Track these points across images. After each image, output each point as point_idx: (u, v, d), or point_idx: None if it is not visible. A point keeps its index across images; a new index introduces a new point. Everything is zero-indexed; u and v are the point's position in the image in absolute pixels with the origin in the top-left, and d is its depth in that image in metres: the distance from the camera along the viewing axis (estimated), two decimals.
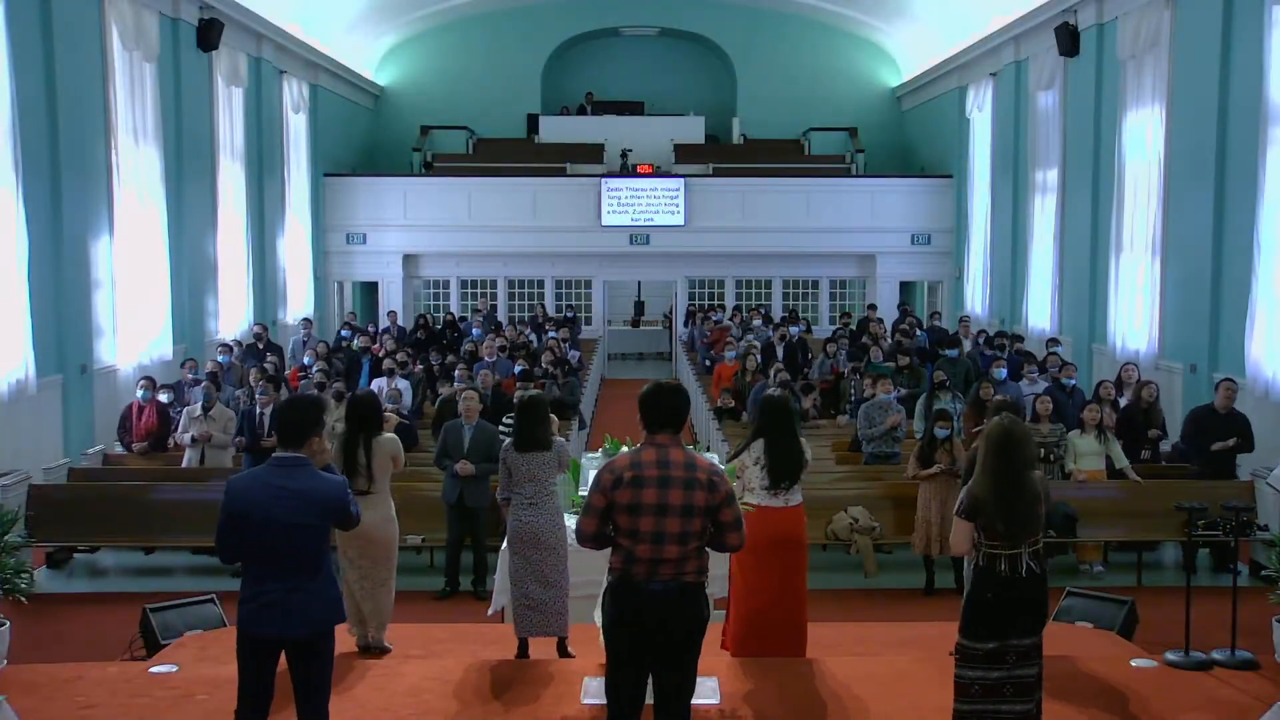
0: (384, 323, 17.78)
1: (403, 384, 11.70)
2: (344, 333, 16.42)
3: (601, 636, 4.60)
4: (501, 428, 9.66)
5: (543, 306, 20.24)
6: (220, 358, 12.66)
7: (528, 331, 16.71)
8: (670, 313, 22.29)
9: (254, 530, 4.35)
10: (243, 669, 4.45)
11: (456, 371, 11.84)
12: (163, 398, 10.77)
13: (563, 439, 6.83)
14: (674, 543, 4.28)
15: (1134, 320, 13.02)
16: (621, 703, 4.39)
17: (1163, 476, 9.73)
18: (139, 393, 10.58)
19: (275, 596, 4.35)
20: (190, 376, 11.41)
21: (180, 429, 10.29)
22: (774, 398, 6.35)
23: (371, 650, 6.59)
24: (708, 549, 4.44)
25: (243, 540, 4.40)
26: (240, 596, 4.43)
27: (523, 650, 6.48)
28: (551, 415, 6.84)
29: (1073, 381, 10.94)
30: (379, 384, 11.83)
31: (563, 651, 6.48)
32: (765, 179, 20.98)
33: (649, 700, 4.42)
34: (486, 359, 12.85)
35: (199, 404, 10.23)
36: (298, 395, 4.82)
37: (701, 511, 4.31)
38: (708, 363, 16.46)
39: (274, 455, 4.53)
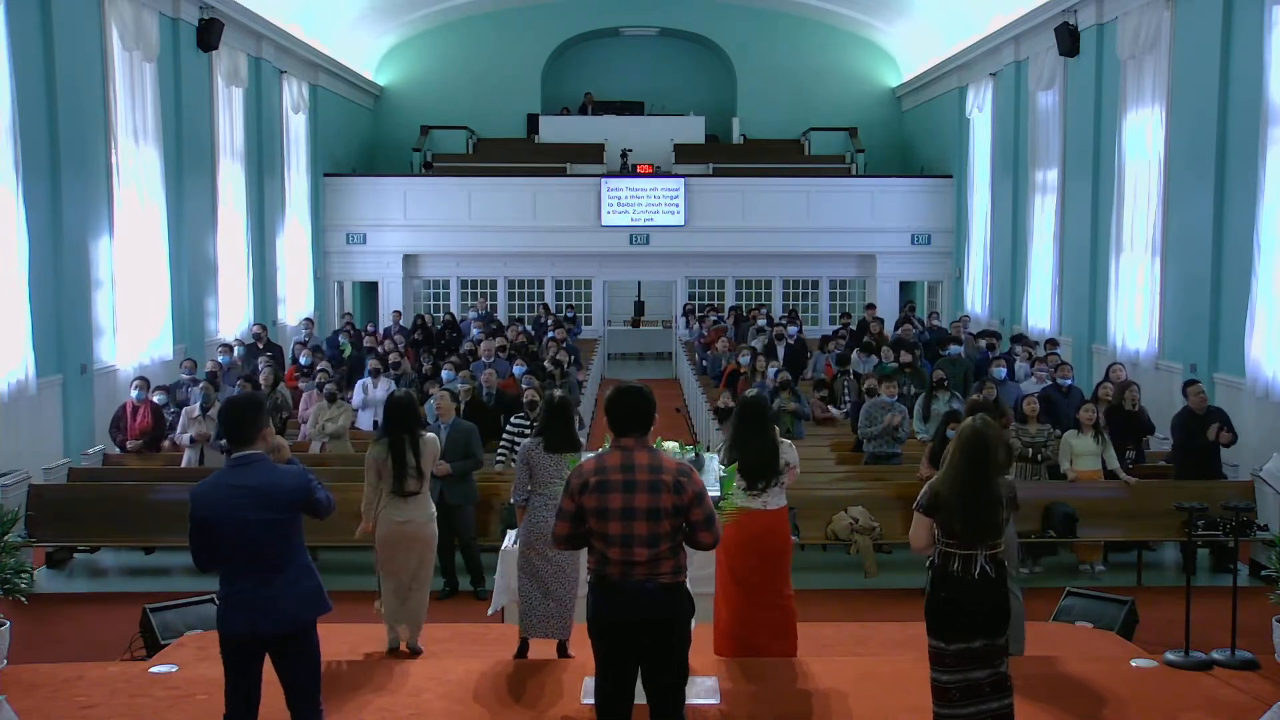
0: (386, 322, 17.74)
1: (386, 384, 11.69)
2: (340, 338, 16.38)
3: None
4: (510, 427, 9.66)
5: (545, 306, 20.23)
6: (221, 358, 12.66)
7: (529, 329, 16.71)
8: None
9: (220, 532, 4.36)
10: (226, 671, 4.47)
11: (444, 372, 11.80)
12: (156, 398, 10.76)
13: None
14: (643, 545, 4.26)
15: (1134, 320, 13.02)
16: (609, 702, 4.39)
17: (1161, 476, 9.73)
18: (133, 393, 10.57)
19: (245, 594, 4.36)
20: (187, 376, 11.41)
21: (180, 429, 10.29)
22: (747, 398, 6.37)
23: (409, 653, 6.61)
24: (686, 547, 4.42)
25: (211, 545, 4.40)
26: (217, 599, 4.46)
27: (522, 650, 6.48)
28: None
29: (1069, 381, 10.92)
30: (364, 384, 11.83)
31: (563, 652, 6.48)
32: (765, 179, 20.99)
33: (643, 700, 4.42)
34: (485, 359, 12.85)
35: (198, 404, 10.23)
36: (236, 395, 4.83)
37: (669, 513, 4.29)
38: (704, 363, 16.48)
39: (231, 456, 4.53)
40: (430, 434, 6.80)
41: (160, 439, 10.62)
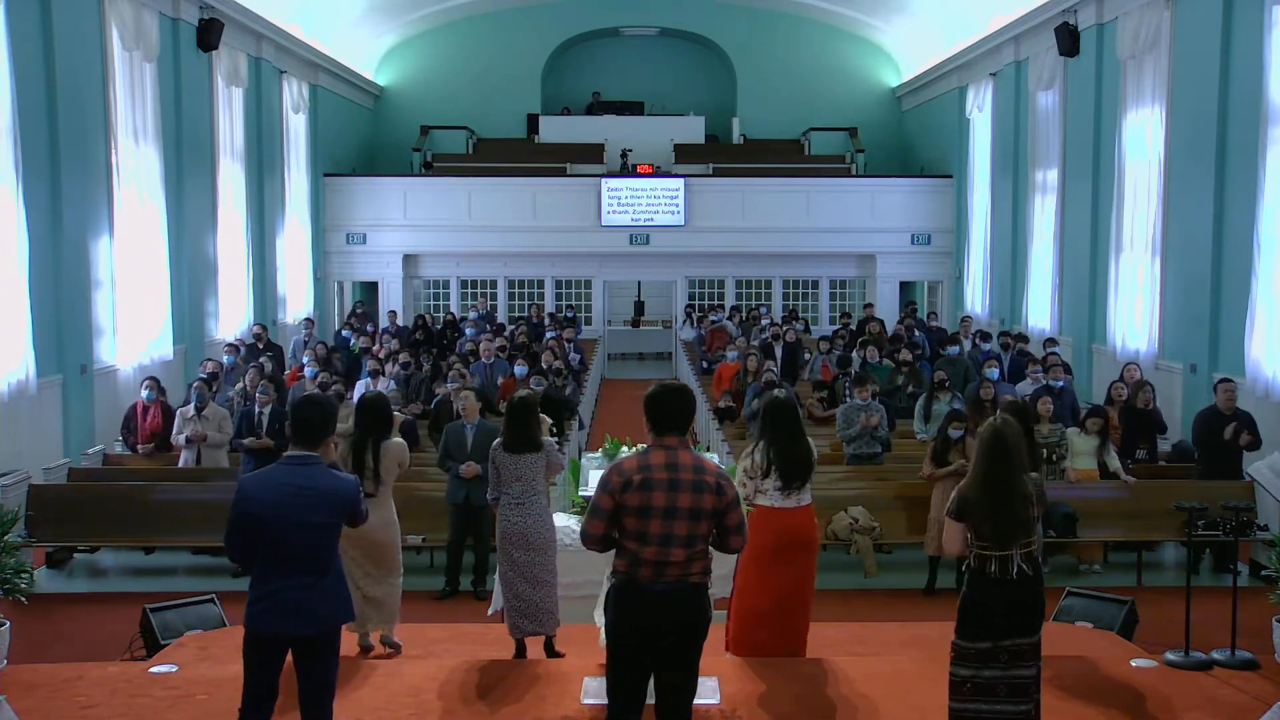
0: (384, 322, 17.76)
1: (387, 384, 11.69)
2: (345, 333, 16.41)
3: (603, 636, 4.59)
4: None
5: (538, 308, 20.15)
6: (226, 358, 12.67)
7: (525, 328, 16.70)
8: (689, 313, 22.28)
9: (267, 530, 4.31)
10: (249, 669, 4.41)
11: (451, 372, 11.83)
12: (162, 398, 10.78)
13: (551, 439, 6.83)
14: (680, 545, 4.26)
15: (1134, 320, 13.02)
16: (623, 703, 4.38)
17: (1163, 476, 9.72)
18: (143, 393, 10.54)
19: (289, 595, 4.31)
20: (204, 376, 11.38)
21: (175, 430, 10.27)
22: (777, 399, 6.32)
23: (370, 650, 6.63)
24: (712, 549, 4.43)
25: (255, 540, 4.35)
26: (250, 596, 4.38)
27: (521, 651, 6.48)
28: (543, 415, 6.84)
29: (1061, 383, 10.90)
30: (364, 384, 11.83)
31: (550, 651, 6.48)
32: (765, 179, 21.00)
33: (650, 700, 4.42)
34: (485, 359, 12.85)
35: (192, 405, 10.21)
36: (314, 394, 4.77)
37: (709, 514, 4.29)
38: (705, 364, 16.47)
39: (286, 454, 4.48)
40: (398, 440, 6.75)
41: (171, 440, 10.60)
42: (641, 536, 4.27)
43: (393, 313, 18.67)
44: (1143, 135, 12.88)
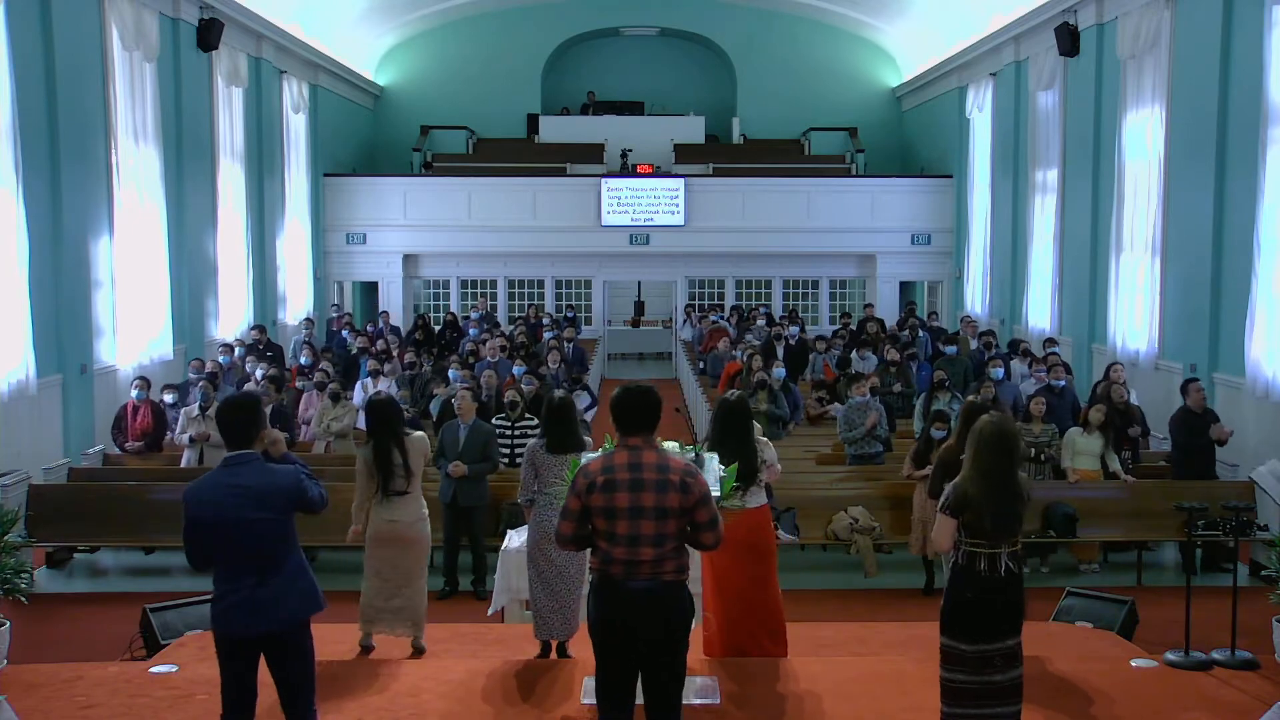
0: (380, 323, 17.76)
1: (385, 384, 11.69)
2: (344, 334, 16.39)
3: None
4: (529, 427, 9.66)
5: (536, 308, 20.12)
6: (222, 358, 12.66)
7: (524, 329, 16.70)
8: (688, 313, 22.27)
9: (214, 532, 4.36)
10: (222, 670, 4.47)
11: (451, 372, 11.83)
12: (168, 398, 10.80)
13: (590, 439, 6.83)
14: (649, 545, 4.27)
15: (1134, 320, 13.02)
16: (610, 701, 4.39)
17: (1160, 476, 9.73)
18: (133, 393, 10.56)
19: (242, 594, 4.36)
20: (195, 376, 11.41)
21: (179, 429, 10.28)
22: (728, 400, 6.31)
23: (370, 650, 6.62)
24: (688, 547, 4.43)
25: (206, 544, 4.41)
26: (211, 597, 4.46)
27: (546, 650, 6.47)
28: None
29: (1062, 383, 10.90)
30: (364, 384, 11.85)
31: (562, 652, 6.48)
32: (765, 179, 20.99)
33: (642, 700, 4.42)
34: (488, 359, 12.85)
35: (196, 404, 10.23)
36: (233, 396, 4.81)
37: (676, 513, 4.30)
38: (702, 364, 16.47)
39: (225, 456, 4.54)
40: (419, 433, 6.78)
41: (161, 439, 10.60)
42: (610, 537, 4.31)
43: (384, 313, 18.67)
44: (1143, 135, 12.87)
